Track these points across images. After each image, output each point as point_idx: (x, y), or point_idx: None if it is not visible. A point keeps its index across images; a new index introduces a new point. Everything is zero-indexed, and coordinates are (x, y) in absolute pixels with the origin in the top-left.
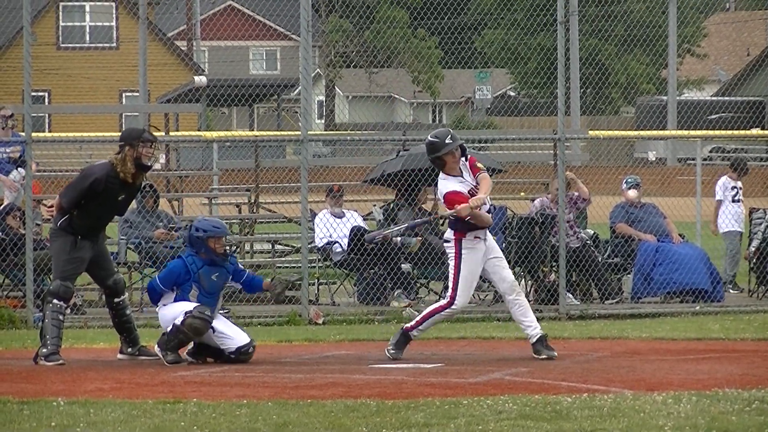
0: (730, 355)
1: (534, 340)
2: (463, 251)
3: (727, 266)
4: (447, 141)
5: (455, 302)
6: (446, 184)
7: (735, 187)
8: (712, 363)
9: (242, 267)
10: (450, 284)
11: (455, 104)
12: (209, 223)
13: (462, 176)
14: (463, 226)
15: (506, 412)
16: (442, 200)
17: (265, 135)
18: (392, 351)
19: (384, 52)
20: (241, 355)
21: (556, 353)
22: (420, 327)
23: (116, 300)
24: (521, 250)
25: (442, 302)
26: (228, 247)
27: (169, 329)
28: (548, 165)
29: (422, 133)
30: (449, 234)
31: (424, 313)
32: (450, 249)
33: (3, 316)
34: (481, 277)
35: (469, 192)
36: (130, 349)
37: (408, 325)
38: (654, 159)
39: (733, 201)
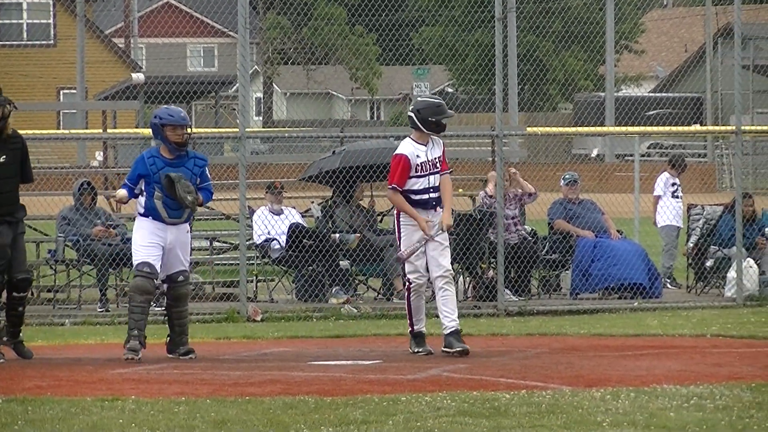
0: (668, 351)
1: (449, 331)
2: (402, 228)
3: (663, 260)
4: (449, 111)
5: (411, 281)
6: (405, 145)
7: (675, 183)
8: (650, 359)
9: (209, 180)
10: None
11: (393, 101)
12: (167, 111)
13: (426, 146)
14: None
15: (445, 409)
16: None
17: (202, 132)
18: (420, 350)
19: (322, 48)
20: (173, 285)
21: (468, 348)
22: (414, 321)
23: (15, 294)
24: (459, 246)
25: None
26: (189, 139)
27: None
28: (486, 161)
29: (360, 130)
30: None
31: (407, 308)
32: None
33: None
34: None
35: (421, 165)
36: (5, 338)
37: (410, 328)
38: (596, 155)
39: (673, 197)
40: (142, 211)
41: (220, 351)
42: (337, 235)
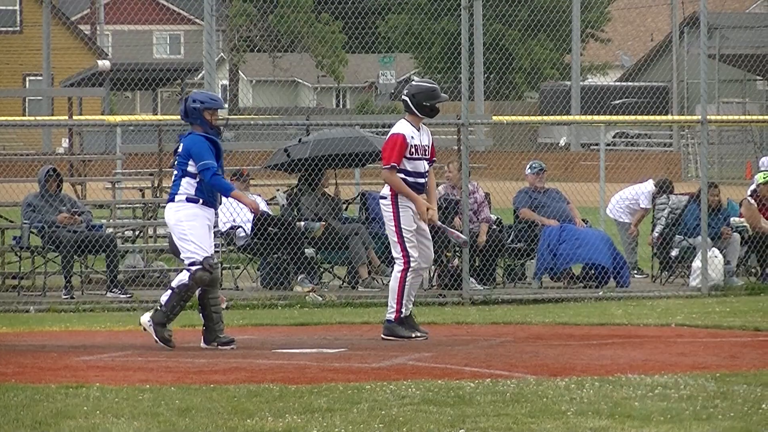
0: (632, 340)
1: (409, 313)
2: (400, 208)
3: (626, 256)
4: (443, 95)
5: (411, 260)
6: (402, 125)
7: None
8: (614, 348)
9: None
10: (397, 247)
11: (359, 89)
12: (206, 95)
13: (419, 131)
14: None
15: (409, 397)
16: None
17: (168, 119)
18: (419, 335)
19: (288, 36)
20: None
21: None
22: (402, 306)
23: None
24: None
25: (399, 269)
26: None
27: (167, 295)
28: (452, 150)
29: (326, 118)
30: (386, 190)
31: (395, 294)
32: (387, 206)
33: None
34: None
35: (415, 147)
36: None
37: (392, 316)
38: (564, 144)
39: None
40: (192, 194)
41: (185, 338)
42: (303, 223)
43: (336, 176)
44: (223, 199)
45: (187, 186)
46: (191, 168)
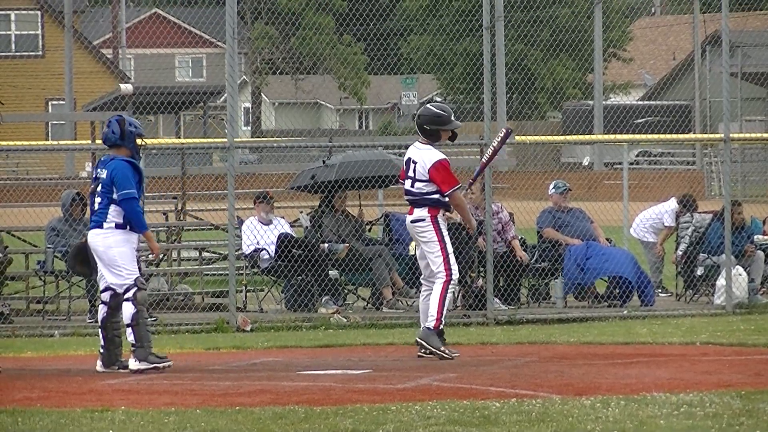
0: (657, 359)
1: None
2: (441, 226)
3: (651, 275)
4: (453, 119)
5: (452, 274)
6: (437, 151)
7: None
8: (639, 367)
9: None
10: (440, 261)
11: (382, 110)
12: (136, 120)
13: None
14: (438, 204)
15: (435, 418)
16: (430, 166)
17: (191, 142)
18: (446, 351)
19: (310, 58)
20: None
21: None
22: (443, 317)
23: None
24: None
25: (441, 281)
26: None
27: (131, 333)
28: (475, 170)
29: (349, 140)
30: (423, 212)
31: (437, 304)
32: (426, 227)
33: None
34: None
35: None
36: None
37: (432, 324)
38: (587, 164)
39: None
40: (120, 221)
41: (209, 361)
42: (326, 245)
43: (360, 198)
44: (246, 221)
45: (115, 213)
46: (116, 195)
